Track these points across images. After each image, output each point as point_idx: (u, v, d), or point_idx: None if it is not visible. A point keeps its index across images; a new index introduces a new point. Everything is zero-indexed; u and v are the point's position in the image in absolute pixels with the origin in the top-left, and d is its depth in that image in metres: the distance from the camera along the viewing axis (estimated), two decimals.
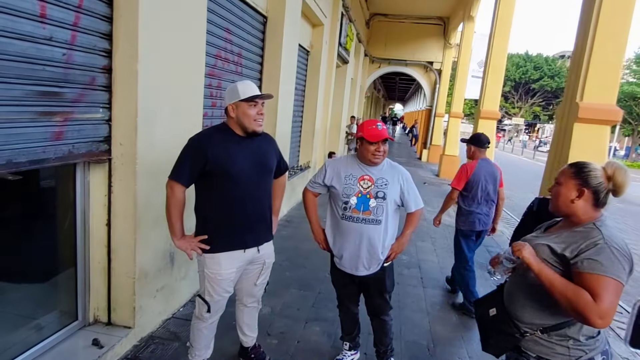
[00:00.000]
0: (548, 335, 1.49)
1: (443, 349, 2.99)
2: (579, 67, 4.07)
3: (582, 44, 4.08)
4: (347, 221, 2.19)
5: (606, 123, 4.09)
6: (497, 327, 1.64)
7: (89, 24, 2.09)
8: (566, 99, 4.33)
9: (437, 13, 14.74)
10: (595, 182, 1.45)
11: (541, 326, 1.50)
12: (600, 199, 1.47)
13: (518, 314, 1.57)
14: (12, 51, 1.71)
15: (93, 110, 2.21)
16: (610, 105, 4.03)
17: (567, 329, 1.46)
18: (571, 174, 1.51)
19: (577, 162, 1.54)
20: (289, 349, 2.79)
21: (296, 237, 5.24)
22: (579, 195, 1.47)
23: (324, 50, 7.48)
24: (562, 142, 4.28)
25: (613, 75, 4.01)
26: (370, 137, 2.12)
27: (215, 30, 3.58)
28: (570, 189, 1.49)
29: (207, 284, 2.12)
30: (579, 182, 1.47)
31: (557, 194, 1.53)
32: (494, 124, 8.33)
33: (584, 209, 1.47)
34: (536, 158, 27.75)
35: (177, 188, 1.97)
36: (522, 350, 1.56)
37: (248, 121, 2.01)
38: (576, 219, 1.49)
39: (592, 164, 1.49)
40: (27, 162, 1.85)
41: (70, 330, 2.42)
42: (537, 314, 1.51)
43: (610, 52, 3.93)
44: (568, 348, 1.46)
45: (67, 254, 2.42)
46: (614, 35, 3.90)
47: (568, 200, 1.49)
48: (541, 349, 1.50)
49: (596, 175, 1.46)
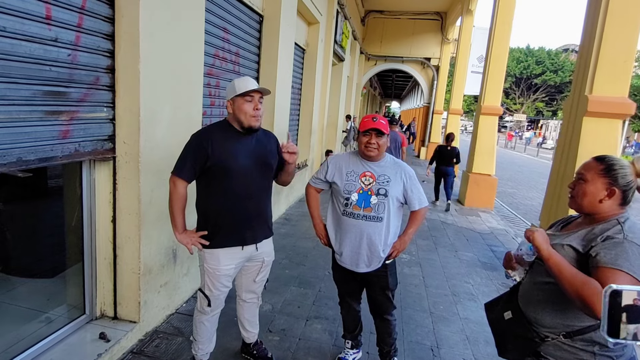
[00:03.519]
0: (572, 340, 1.36)
1: (448, 350, 2.93)
2: (587, 58, 3.83)
3: (590, 32, 3.83)
4: (348, 217, 2.19)
5: (617, 117, 3.84)
6: (514, 331, 1.52)
7: (92, 25, 2.14)
8: (574, 92, 4.11)
9: (434, 8, 14.62)
10: (627, 181, 1.33)
11: (564, 330, 1.37)
12: (629, 198, 1.36)
13: (537, 317, 1.45)
14: (20, 52, 1.76)
15: (97, 109, 2.26)
16: (622, 97, 3.77)
17: (593, 333, 1.33)
18: (600, 170, 1.36)
19: (605, 157, 1.39)
20: (290, 346, 2.80)
21: (295, 234, 5.27)
22: (609, 194, 1.34)
23: (320, 49, 7.52)
24: (570, 137, 4.06)
25: (624, 65, 3.75)
26: (361, 127, 2.14)
27: (213, 30, 3.63)
28: (599, 188, 1.36)
29: (206, 278, 2.16)
30: (609, 181, 1.34)
31: (584, 193, 1.39)
32: (496, 120, 8.14)
33: (610, 207, 1.36)
34: (540, 155, 27.31)
35: (179, 183, 2.00)
36: (541, 356, 1.43)
37: (244, 116, 2.01)
38: (599, 217, 1.38)
39: (621, 160, 1.36)
40: (36, 160, 1.91)
41: (78, 323, 2.48)
42: (559, 317, 1.39)
43: (621, 41, 3.68)
44: (594, 354, 1.33)
45: (74, 249, 2.48)
46: (625, 22, 3.65)
47: (596, 200, 1.36)
48: (564, 355, 1.38)
49: (626, 173, 1.33)
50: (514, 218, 8.02)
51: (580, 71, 4.03)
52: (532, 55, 45.26)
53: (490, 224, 6.99)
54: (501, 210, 8.57)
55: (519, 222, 7.76)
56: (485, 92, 7.95)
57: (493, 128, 8.20)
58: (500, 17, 7.62)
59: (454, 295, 3.90)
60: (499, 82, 7.93)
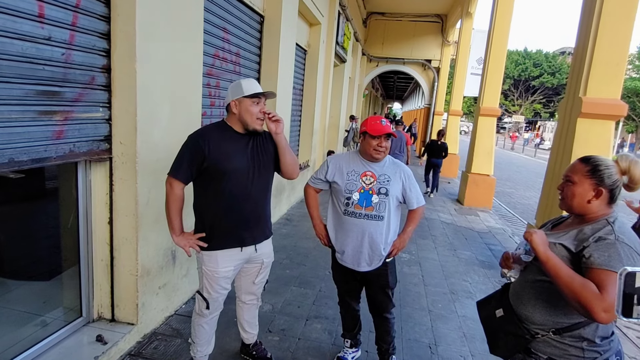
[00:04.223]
0: (561, 337, 1.40)
1: (446, 347, 2.97)
2: (581, 61, 3.96)
3: (584, 36, 3.95)
4: (349, 217, 2.20)
5: (610, 118, 3.97)
6: (505, 328, 1.56)
7: (87, 23, 2.12)
8: (569, 94, 4.24)
9: (434, 10, 14.72)
10: (612, 180, 1.38)
11: (554, 327, 1.42)
12: (616, 196, 1.39)
13: (528, 315, 1.48)
14: (12, 51, 1.73)
15: (93, 109, 2.24)
16: (614, 99, 3.91)
17: (582, 329, 1.37)
18: (586, 172, 1.41)
19: (590, 158, 1.43)
20: (290, 346, 2.80)
21: (296, 235, 5.26)
22: (596, 195, 1.38)
23: (321, 49, 7.50)
24: (565, 138, 4.18)
25: (617, 68, 3.88)
26: (373, 132, 2.15)
27: (213, 30, 3.61)
28: (586, 189, 1.40)
29: (205, 280, 2.13)
30: (596, 182, 1.38)
31: (572, 195, 1.43)
32: (494, 121, 8.31)
33: (599, 207, 1.40)
34: (537, 156, 27.62)
35: (176, 185, 1.98)
36: (532, 352, 1.47)
37: (250, 118, 2.00)
38: (588, 217, 1.42)
39: (606, 160, 1.40)
40: (29, 160, 1.88)
41: (75, 326, 2.45)
42: (549, 314, 1.43)
43: (614, 44, 3.81)
44: (582, 349, 1.37)
45: (70, 251, 2.45)
46: (618, 26, 3.78)
47: (584, 201, 1.40)
48: (553, 351, 1.42)
49: (611, 172, 1.38)
50: (512, 217, 8.11)
51: (575, 73, 4.16)
52: (530, 58, 45.96)
53: (489, 223, 7.09)
54: (499, 209, 8.66)
55: (517, 221, 7.86)
56: (483, 93, 8.11)
57: (491, 129, 8.37)
58: (498, 20, 7.80)
59: (453, 294, 3.94)
60: (497, 84, 8.14)
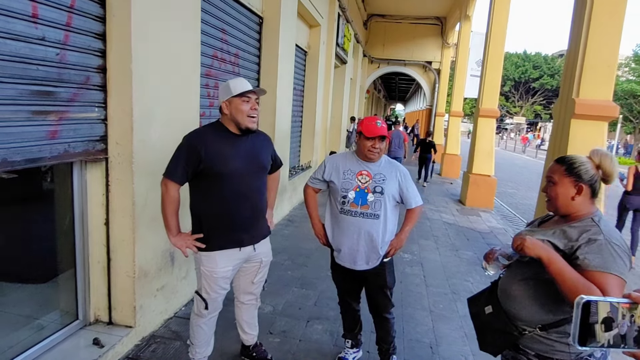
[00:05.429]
0: (547, 333, 1.44)
1: (446, 347, 2.95)
2: (574, 63, 4.06)
3: (576, 39, 4.06)
4: (345, 215, 2.22)
5: (603, 119, 4.08)
6: (493, 325, 1.59)
7: (81, 24, 2.11)
8: (562, 96, 4.33)
9: (434, 13, 14.82)
10: (590, 175, 1.43)
11: (540, 324, 1.45)
12: (597, 190, 1.45)
13: (515, 312, 1.51)
14: (5, 51, 1.72)
15: (88, 109, 2.22)
16: (606, 101, 4.00)
17: (567, 325, 1.41)
18: (564, 171, 1.47)
19: (565, 158, 1.50)
20: (290, 347, 2.77)
21: (297, 236, 5.24)
22: (578, 191, 1.43)
23: (321, 51, 7.51)
24: (560, 139, 4.26)
25: (608, 70, 3.99)
26: (367, 133, 2.18)
27: (211, 30, 3.60)
28: (567, 187, 1.45)
29: (203, 281, 2.13)
30: (574, 179, 1.44)
31: (556, 195, 1.48)
32: (494, 122, 8.38)
33: (583, 203, 1.45)
34: (538, 157, 27.49)
35: (171, 186, 1.97)
36: (520, 349, 1.51)
37: (241, 117, 2.00)
38: (575, 215, 1.46)
39: (579, 157, 1.47)
40: (23, 160, 1.86)
41: (71, 329, 2.42)
42: (535, 311, 1.46)
43: (604, 47, 3.92)
44: (568, 345, 1.41)
45: (66, 253, 2.43)
46: (607, 29, 3.89)
47: (568, 199, 1.45)
48: (540, 347, 1.46)
49: (587, 168, 1.44)
50: (514, 218, 8.11)
51: (568, 76, 4.24)
52: (530, 60, 46.38)
53: (490, 223, 7.09)
54: (501, 209, 8.67)
55: (518, 221, 7.88)
56: (482, 95, 8.18)
57: (491, 130, 8.43)
58: (495, 23, 7.92)
59: (454, 294, 3.91)
60: (496, 85, 8.24)
